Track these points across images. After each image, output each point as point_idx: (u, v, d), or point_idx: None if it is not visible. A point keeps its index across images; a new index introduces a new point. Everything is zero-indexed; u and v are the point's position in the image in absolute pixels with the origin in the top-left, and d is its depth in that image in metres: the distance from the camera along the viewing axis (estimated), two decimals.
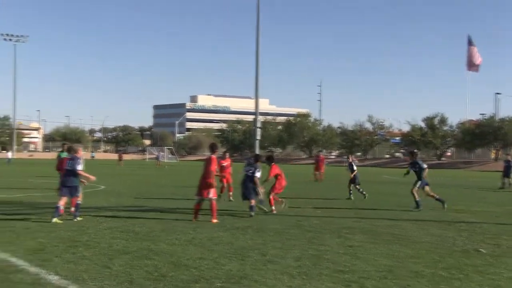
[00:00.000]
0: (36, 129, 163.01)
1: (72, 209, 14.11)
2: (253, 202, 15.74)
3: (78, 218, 13.92)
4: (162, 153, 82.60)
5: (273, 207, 16.68)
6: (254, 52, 31.53)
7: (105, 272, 8.12)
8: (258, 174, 16.09)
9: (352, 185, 22.77)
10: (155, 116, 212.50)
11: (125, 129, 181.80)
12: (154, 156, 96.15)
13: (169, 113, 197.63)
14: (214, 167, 14.45)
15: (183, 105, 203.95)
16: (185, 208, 16.77)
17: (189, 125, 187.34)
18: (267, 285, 7.58)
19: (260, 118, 37.22)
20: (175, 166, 74.16)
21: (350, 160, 23.98)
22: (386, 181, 39.72)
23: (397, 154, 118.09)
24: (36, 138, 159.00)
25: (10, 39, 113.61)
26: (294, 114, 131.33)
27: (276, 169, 17.22)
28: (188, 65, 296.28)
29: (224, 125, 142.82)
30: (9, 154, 78.90)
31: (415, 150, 21.29)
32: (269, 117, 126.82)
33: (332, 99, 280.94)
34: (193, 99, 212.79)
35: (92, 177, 14.29)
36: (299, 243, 11.05)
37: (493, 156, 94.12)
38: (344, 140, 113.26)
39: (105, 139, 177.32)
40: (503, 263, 9.47)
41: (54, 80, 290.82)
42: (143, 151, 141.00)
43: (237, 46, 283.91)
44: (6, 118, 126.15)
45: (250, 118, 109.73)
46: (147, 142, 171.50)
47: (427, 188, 18.73)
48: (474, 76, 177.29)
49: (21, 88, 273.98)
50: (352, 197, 22.08)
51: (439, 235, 12.60)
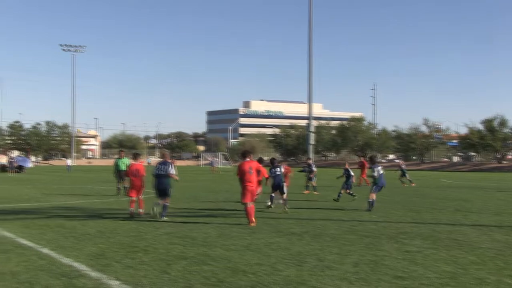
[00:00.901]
0: (94, 137, 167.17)
1: (141, 210, 16.24)
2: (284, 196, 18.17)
3: (165, 218, 15.40)
4: (216, 159, 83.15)
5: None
6: (307, 56, 31.42)
7: (164, 278, 8.22)
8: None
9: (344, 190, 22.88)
10: (209, 122, 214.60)
11: (179, 135, 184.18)
12: (208, 162, 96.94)
13: (222, 119, 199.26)
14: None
15: (236, 110, 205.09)
16: (241, 212, 16.83)
17: (242, 130, 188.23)
18: None
19: (314, 123, 37.00)
20: (229, 172, 74.61)
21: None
22: (444, 185, 38.88)
23: (454, 158, 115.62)
24: (94, 145, 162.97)
25: (69, 50, 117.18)
26: (347, 118, 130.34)
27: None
28: (241, 70, 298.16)
29: (277, 130, 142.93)
30: (69, 162, 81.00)
31: (374, 155, 22.71)
32: (323, 122, 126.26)
33: (387, 102, 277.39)
34: (246, 104, 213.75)
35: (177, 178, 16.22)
36: (356, 248, 10.93)
37: None
38: (399, 144, 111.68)
39: (160, 145, 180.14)
40: None
41: (110, 88, 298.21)
42: (197, 157, 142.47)
43: (290, 50, 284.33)
44: (65, 126, 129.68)
45: (303, 123, 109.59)
46: (201, 148, 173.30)
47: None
48: None
49: (80, 97, 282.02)
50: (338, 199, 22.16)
51: (503, 241, 12.23)
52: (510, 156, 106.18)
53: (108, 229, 13.38)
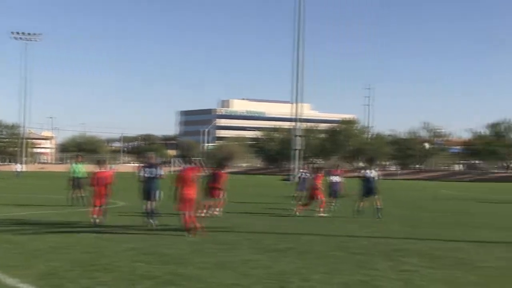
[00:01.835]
0: (48, 139, 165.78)
1: (100, 219, 17.02)
2: None
3: (156, 223, 16.89)
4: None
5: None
6: (295, 51, 31.51)
7: None
8: None
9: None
10: (182, 124, 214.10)
11: (148, 138, 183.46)
12: (181, 168, 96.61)
13: (197, 120, 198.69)
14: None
15: (213, 110, 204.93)
16: (217, 227, 16.82)
17: (219, 133, 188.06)
18: None
19: (301, 125, 37.03)
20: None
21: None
22: (444, 197, 39.20)
23: (456, 166, 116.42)
24: (48, 148, 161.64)
25: (21, 38, 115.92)
26: (338, 120, 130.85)
27: None
28: (221, 66, 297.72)
29: (259, 133, 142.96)
30: (18, 167, 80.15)
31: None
32: (311, 124, 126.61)
33: (382, 105, 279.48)
34: (225, 104, 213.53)
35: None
36: (346, 267, 10.96)
37: None
38: (396, 150, 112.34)
39: (125, 149, 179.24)
40: None
41: (68, 84, 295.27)
42: (168, 162, 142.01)
43: (275, 45, 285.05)
44: (15, 126, 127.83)
45: (288, 125, 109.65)
46: (172, 152, 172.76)
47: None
48: None
49: (33, 92, 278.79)
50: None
51: (508, 259, 12.35)
52: None
53: (62, 245, 13.25)
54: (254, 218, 20.46)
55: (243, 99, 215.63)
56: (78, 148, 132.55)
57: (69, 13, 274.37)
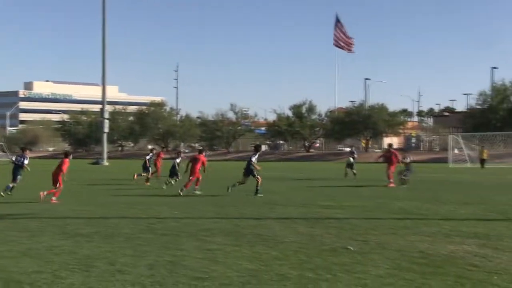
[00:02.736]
0: None
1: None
2: None
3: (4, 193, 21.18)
4: None
5: None
6: (101, 32, 30.88)
7: None
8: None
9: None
10: None
11: None
12: None
13: None
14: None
15: (15, 93, 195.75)
16: (21, 213, 16.16)
17: (23, 116, 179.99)
18: None
19: (108, 108, 36.42)
20: (6, 165, 70.78)
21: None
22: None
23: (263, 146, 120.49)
24: None
25: None
26: (147, 103, 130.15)
27: None
28: (21, 46, 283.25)
29: (65, 117, 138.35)
30: None
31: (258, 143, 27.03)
32: (119, 107, 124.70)
33: (192, 89, 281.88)
34: (28, 86, 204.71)
35: None
36: (152, 248, 11.04)
37: (363, 145, 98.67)
38: (204, 132, 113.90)
39: None
40: (371, 260, 10.05)
41: None
42: None
43: (82, 24, 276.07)
44: None
45: (96, 108, 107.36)
46: None
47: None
48: (344, 61, 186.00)
49: None
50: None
51: (307, 233, 13.09)
52: (318, 145, 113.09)
53: None
54: (58, 204, 19.87)
55: (47, 81, 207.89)
56: None
57: None
